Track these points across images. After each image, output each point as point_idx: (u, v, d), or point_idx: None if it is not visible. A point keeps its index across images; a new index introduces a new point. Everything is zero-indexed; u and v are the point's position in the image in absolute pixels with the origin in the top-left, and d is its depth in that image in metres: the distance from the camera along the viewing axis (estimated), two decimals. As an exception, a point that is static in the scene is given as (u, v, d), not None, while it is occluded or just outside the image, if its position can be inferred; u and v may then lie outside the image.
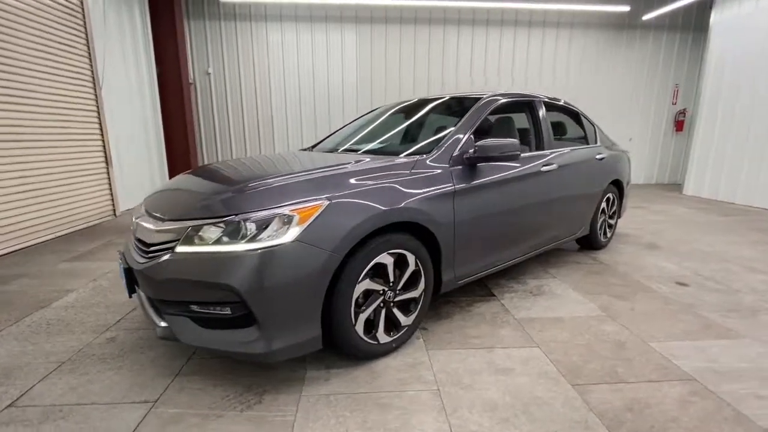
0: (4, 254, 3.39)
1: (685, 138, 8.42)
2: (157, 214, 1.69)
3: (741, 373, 1.73)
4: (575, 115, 3.37)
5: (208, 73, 7.62)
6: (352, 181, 1.70)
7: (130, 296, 1.75)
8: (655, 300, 2.51)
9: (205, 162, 8.10)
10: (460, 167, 2.11)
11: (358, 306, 1.69)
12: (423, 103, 2.86)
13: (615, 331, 2.10)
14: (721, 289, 2.69)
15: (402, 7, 7.53)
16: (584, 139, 3.35)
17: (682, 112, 8.30)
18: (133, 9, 5.54)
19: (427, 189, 1.89)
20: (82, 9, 4.40)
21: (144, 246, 1.68)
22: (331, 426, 1.41)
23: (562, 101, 3.26)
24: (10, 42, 3.50)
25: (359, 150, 2.56)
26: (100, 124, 4.70)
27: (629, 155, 3.95)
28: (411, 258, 1.84)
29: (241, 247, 1.43)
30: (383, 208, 1.66)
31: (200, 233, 1.50)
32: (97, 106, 4.65)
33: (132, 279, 1.68)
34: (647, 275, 2.95)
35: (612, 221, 3.66)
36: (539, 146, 2.77)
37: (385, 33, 7.69)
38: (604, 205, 3.44)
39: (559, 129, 3.25)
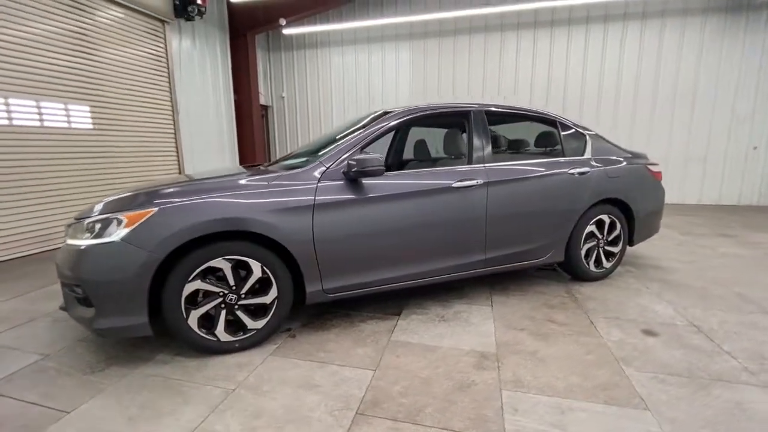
0: (88, 240, 4.60)
1: None
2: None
3: (583, 447, 1.37)
4: (551, 124, 2.94)
5: (282, 97, 8.76)
6: (198, 192, 1.92)
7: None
8: (581, 346, 2.05)
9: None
10: (337, 182, 2.14)
11: (192, 303, 1.91)
12: (374, 116, 2.89)
13: (480, 371, 1.83)
14: (702, 347, 2.03)
15: (456, 18, 7.43)
16: (561, 152, 2.90)
17: (843, 111, 6.08)
18: (215, 50, 6.81)
19: (277, 202, 1.99)
20: (166, 54, 5.67)
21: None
22: (123, 399, 1.65)
23: (524, 109, 2.89)
24: (108, 81, 4.77)
25: (290, 165, 2.74)
26: (175, 142, 5.93)
27: (652, 168, 3.20)
28: (256, 266, 1.97)
29: (85, 242, 1.80)
30: (209, 217, 1.85)
31: (74, 230, 1.93)
32: (174, 129, 5.89)
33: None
34: (615, 317, 2.39)
35: (614, 249, 3.02)
36: (470, 160, 2.54)
37: (439, 46, 7.68)
38: (592, 228, 2.89)
39: (519, 141, 2.91)
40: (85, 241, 1.81)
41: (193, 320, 1.90)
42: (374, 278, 2.27)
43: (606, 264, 3.02)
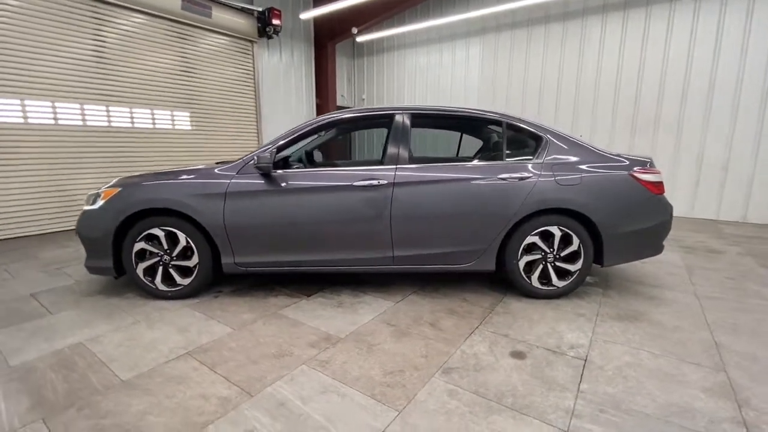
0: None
1: None
2: (109, 190, 3.21)
3: None
4: (497, 125, 2.76)
5: (363, 99, 9.51)
6: (149, 179, 2.63)
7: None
8: (427, 350, 2.04)
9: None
10: (252, 175, 2.61)
11: (142, 258, 2.64)
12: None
13: (308, 348, 2.05)
14: (556, 379, 1.79)
15: (531, 6, 6.86)
16: (500, 156, 2.70)
17: None
18: (301, 61, 7.94)
19: (198, 189, 2.56)
20: (254, 68, 6.96)
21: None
22: (83, 314, 2.48)
23: (462, 109, 2.80)
24: (205, 92, 6.21)
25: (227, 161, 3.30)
26: (258, 141, 7.23)
27: (645, 178, 2.65)
28: (181, 236, 2.59)
29: (86, 207, 2.71)
30: (143, 197, 2.53)
31: (86, 199, 2.88)
32: (257, 130, 7.19)
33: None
34: (505, 335, 2.22)
35: (570, 266, 2.66)
36: (383, 161, 2.66)
37: (511, 39, 7.22)
38: (534, 239, 2.63)
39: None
40: (86, 207, 2.72)
41: (140, 270, 2.64)
42: (281, 259, 2.65)
43: (558, 282, 2.68)
